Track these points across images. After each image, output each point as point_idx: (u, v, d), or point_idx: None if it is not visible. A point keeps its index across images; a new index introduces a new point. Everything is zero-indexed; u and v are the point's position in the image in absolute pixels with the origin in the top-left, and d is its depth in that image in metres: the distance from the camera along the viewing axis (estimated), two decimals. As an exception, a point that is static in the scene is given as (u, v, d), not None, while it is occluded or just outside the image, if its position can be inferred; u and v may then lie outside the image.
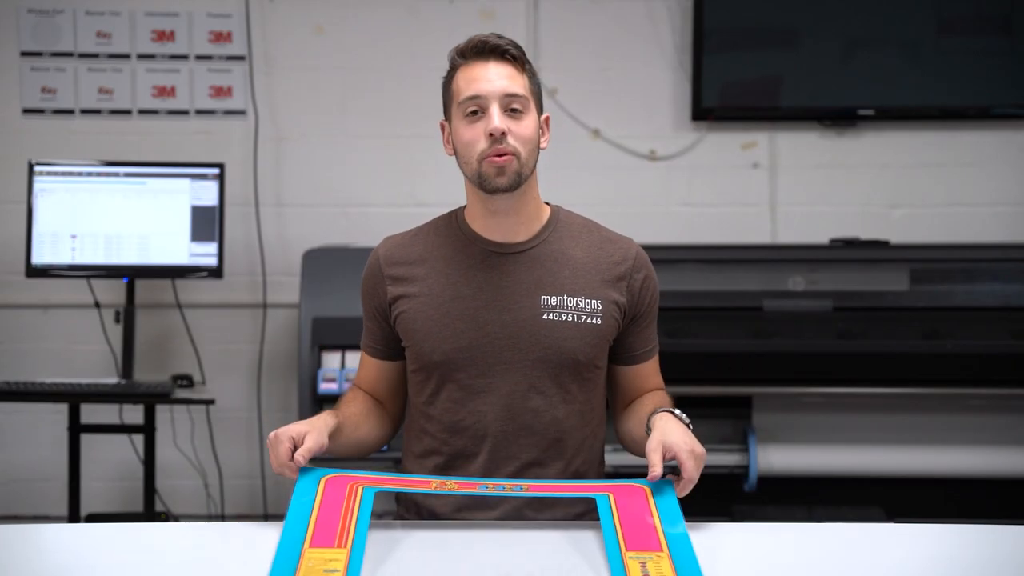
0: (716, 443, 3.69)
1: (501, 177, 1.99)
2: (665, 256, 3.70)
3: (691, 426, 1.95)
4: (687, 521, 1.91)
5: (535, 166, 2.04)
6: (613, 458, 3.39)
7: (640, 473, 1.93)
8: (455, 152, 2.06)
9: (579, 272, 2.06)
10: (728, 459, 3.65)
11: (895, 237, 3.92)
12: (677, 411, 1.96)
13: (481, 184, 2.01)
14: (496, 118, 1.98)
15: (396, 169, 4.06)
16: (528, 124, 2.01)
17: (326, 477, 1.87)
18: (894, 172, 4.06)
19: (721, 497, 3.67)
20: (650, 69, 4.05)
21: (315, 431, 1.90)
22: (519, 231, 2.07)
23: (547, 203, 2.13)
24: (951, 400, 3.68)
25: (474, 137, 2.00)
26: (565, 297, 2.04)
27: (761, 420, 3.69)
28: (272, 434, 1.88)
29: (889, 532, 1.99)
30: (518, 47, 2.03)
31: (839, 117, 4.01)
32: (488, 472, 2.04)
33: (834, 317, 3.64)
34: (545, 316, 2.03)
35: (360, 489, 1.84)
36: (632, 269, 2.09)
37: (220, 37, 4.01)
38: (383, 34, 4.03)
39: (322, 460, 1.97)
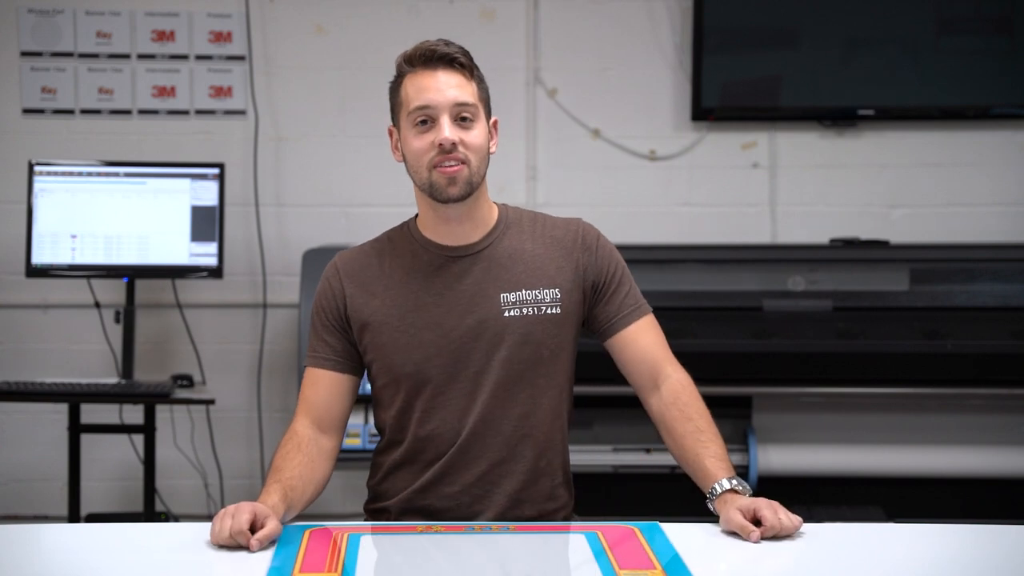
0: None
1: (453, 187, 1.99)
2: (665, 256, 3.70)
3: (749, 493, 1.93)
4: (687, 522, 1.91)
5: (486, 172, 2.05)
6: (612, 458, 3.39)
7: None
8: (404, 160, 2.06)
9: (533, 264, 2.07)
10: (728, 459, 3.65)
11: (895, 237, 3.92)
12: (735, 481, 1.93)
13: (432, 194, 2.02)
14: (446, 129, 1.98)
15: (396, 169, 3.99)
16: (478, 132, 2.02)
17: (310, 530, 1.86)
18: (894, 172, 4.06)
19: (721, 497, 3.67)
20: (650, 69, 4.05)
21: (275, 517, 1.83)
22: (472, 234, 2.08)
23: (494, 203, 2.13)
24: (951, 400, 3.68)
25: (424, 147, 2.01)
26: (523, 292, 2.05)
27: (761, 420, 3.69)
28: (229, 508, 1.81)
29: (889, 532, 2.00)
30: (467, 54, 2.03)
31: (839, 117, 4.01)
32: (455, 472, 2.03)
33: (834, 317, 3.64)
34: (507, 313, 2.03)
35: (346, 535, 1.84)
36: (581, 244, 2.09)
37: (220, 37, 4.01)
38: (383, 34, 4.03)
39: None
